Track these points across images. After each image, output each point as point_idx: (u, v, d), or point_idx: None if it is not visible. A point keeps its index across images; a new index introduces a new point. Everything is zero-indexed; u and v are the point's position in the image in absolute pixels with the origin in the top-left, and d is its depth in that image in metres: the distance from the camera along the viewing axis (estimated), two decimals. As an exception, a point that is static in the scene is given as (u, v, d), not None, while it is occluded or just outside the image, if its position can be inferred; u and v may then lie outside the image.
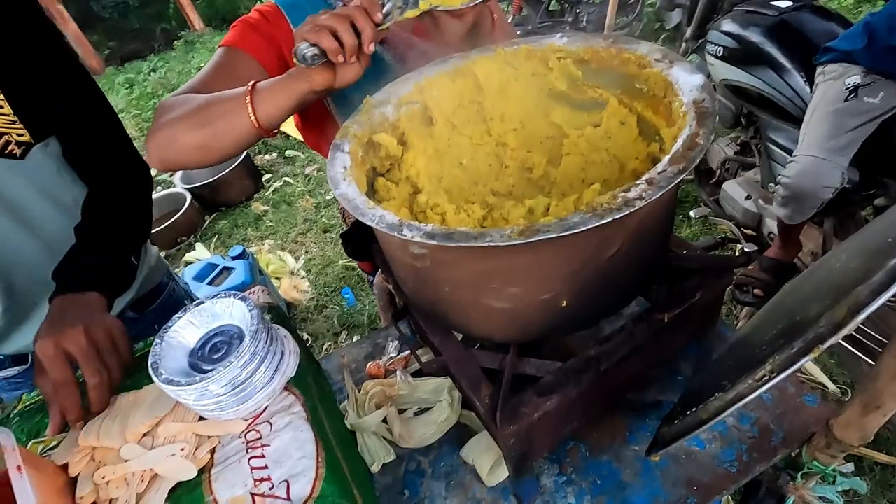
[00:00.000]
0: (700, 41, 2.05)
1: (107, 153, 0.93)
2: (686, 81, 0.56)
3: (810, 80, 1.43)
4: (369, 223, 0.47)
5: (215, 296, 0.62)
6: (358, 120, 0.66)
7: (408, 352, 0.94)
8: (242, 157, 3.42)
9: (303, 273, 2.75)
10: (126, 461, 0.58)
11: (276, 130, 0.71)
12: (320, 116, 0.89)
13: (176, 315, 0.62)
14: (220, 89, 0.70)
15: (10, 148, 0.81)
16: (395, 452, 0.82)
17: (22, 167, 0.83)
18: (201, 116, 0.68)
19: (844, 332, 0.37)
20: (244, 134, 0.68)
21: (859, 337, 1.43)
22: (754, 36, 1.60)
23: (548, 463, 0.77)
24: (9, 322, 0.91)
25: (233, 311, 0.62)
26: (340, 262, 2.76)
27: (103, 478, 0.56)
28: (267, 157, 3.84)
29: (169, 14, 7.25)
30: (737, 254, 1.97)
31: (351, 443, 0.78)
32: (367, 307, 2.46)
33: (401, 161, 0.69)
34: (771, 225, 1.68)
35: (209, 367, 0.58)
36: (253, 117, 0.65)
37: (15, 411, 0.74)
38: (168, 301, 1.11)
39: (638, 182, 0.44)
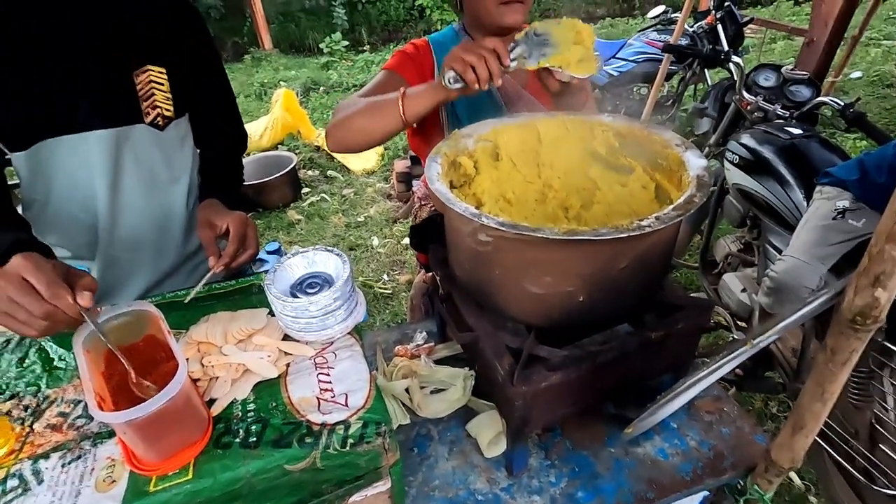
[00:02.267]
0: (721, 149, 2.32)
1: (226, 126, 1.18)
2: (694, 162, 0.77)
3: (808, 196, 1.65)
4: (458, 210, 0.67)
5: (318, 248, 0.81)
6: (448, 144, 0.88)
7: (432, 343, 1.11)
8: (289, 167, 3.70)
9: (323, 281, 2.94)
10: (226, 355, 0.75)
11: (414, 123, 1.01)
12: (434, 128, 1.19)
13: (289, 254, 0.81)
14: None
15: (157, 120, 1.01)
16: (410, 419, 0.97)
17: (159, 138, 1.02)
18: (367, 110, 0.99)
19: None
20: (394, 123, 0.97)
21: (828, 432, 1.56)
22: (767, 152, 1.85)
23: (537, 449, 0.92)
24: (103, 290, 1.07)
25: (328, 262, 0.81)
26: (360, 279, 2.94)
27: (210, 363, 0.73)
28: (310, 172, 4.12)
29: (243, 30, 7.90)
30: (728, 340, 2.13)
31: (382, 396, 0.94)
32: (378, 323, 2.61)
33: (472, 181, 0.89)
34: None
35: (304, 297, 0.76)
36: (402, 112, 0.94)
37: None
38: None
39: (649, 216, 0.63)
